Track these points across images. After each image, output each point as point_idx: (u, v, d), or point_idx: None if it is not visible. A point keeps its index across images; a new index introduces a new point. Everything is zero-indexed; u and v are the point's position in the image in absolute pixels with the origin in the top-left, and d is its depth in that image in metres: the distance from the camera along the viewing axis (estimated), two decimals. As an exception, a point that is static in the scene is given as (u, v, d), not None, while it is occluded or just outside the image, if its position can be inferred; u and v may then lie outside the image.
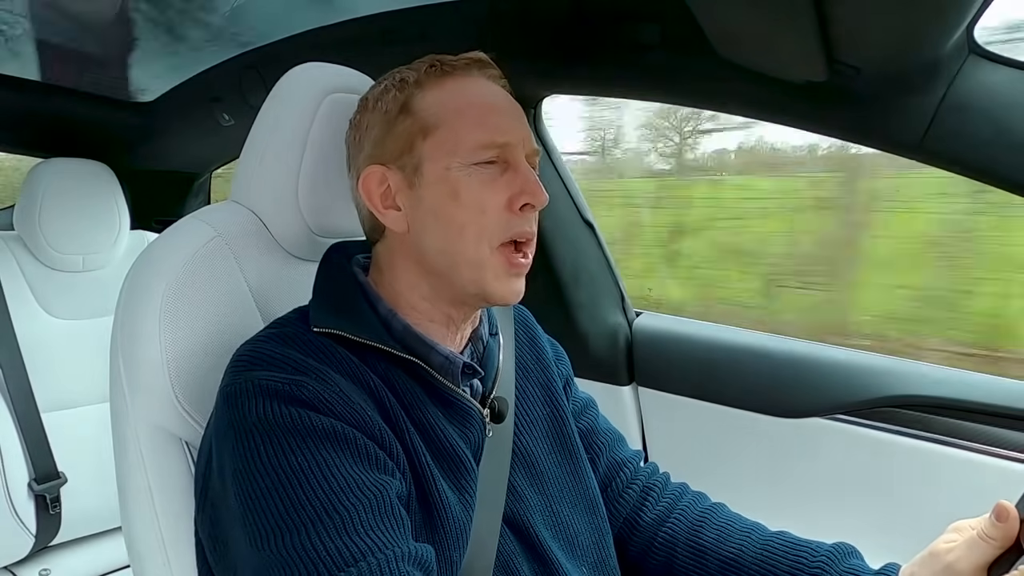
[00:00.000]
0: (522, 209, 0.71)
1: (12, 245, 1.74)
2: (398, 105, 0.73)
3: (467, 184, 0.70)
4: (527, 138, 0.74)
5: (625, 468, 0.92)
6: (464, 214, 0.70)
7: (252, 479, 0.61)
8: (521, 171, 0.72)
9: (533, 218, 0.73)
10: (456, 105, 0.72)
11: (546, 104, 1.42)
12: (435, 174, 0.71)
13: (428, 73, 0.73)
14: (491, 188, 0.71)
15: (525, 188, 0.71)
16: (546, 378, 0.88)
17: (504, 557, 0.73)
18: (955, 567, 0.67)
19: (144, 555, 0.79)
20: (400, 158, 0.73)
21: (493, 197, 0.71)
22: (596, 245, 1.49)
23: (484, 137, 0.71)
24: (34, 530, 1.63)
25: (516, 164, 0.72)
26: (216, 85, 1.76)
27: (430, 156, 0.71)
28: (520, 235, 0.72)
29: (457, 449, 0.72)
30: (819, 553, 0.79)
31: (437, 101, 0.72)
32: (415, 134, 0.72)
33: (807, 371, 1.25)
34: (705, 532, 0.86)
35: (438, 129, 0.71)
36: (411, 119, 0.72)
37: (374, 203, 0.74)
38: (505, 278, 0.72)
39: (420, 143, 0.72)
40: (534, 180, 0.72)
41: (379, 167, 0.73)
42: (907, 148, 0.97)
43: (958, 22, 0.81)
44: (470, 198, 0.70)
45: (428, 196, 0.72)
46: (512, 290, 0.73)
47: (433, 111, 0.72)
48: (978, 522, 0.68)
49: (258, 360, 0.67)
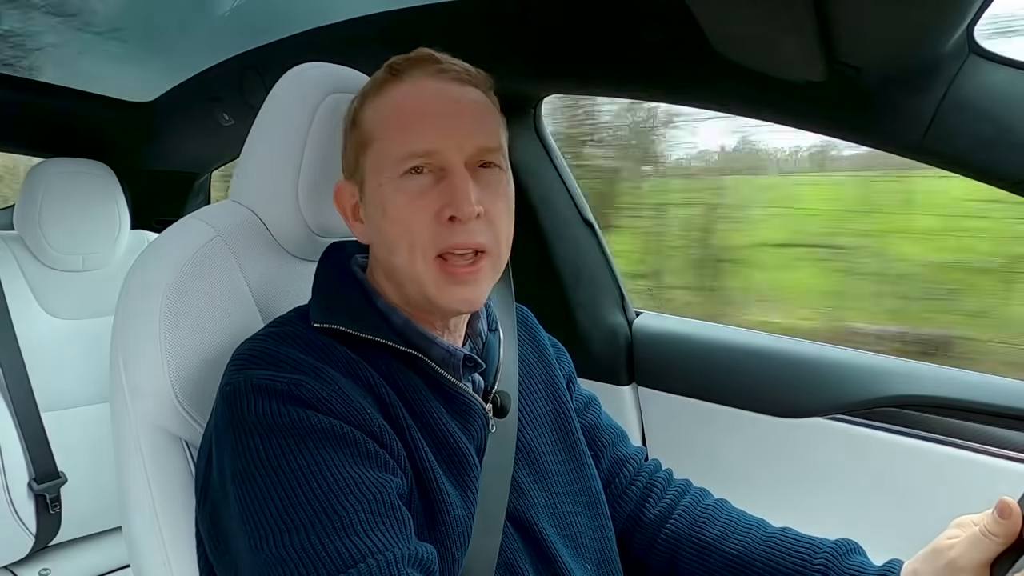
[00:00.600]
0: (451, 220, 0.68)
1: (12, 245, 1.74)
2: (351, 118, 0.74)
3: (393, 200, 0.69)
4: (466, 140, 0.69)
5: (628, 465, 0.92)
6: (394, 230, 0.69)
7: (251, 479, 0.61)
8: (452, 180, 0.68)
9: (473, 229, 0.68)
10: (386, 116, 0.71)
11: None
12: (371, 190, 0.72)
13: (377, 82, 0.73)
14: (417, 201, 0.68)
15: (451, 200, 0.67)
16: (548, 375, 0.88)
17: (507, 554, 0.73)
18: (957, 563, 0.67)
19: (144, 555, 0.79)
20: (354, 173, 0.74)
21: (418, 211, 0.68)
22: (596, 245, 1.49)
23: (404, 148, 0.69)
24: (34, 530, 1.63)
25: (451, 171, 0.68)
26: (216, 85, 1.76)
27: (369, 171, 0.72)
28: (453, 248, 0.68)
29: (460, 444, 0.72)
30: (823, 549, 0.79)
31: (373, 112, 0.72)
32: (359, 148, 0.73)
33: (807, 371, 1.24)
34: (708, 528, 0.86)
35: (373, 143, 0.71)
36: (357, 132, 0.73)
37: (347, 216, 0.76)
38: (446, 287, 0.69)
39: (362, 157, 0.72)
40: (462, 189, 0.67)
41: (345, 181, 0.75)
42: (907, 148, 0.97)
43: (958, 22, 0.81)
44: (396, 214, 0.69)
45: (369, 212, 0.73)
46: (457, 298, 0.70)
47: (371, 123, 0.72)
48: (981, 518, 0.68)
49: (257, 358, 0.67)
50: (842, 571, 0.77)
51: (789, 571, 0.79)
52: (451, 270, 0.69)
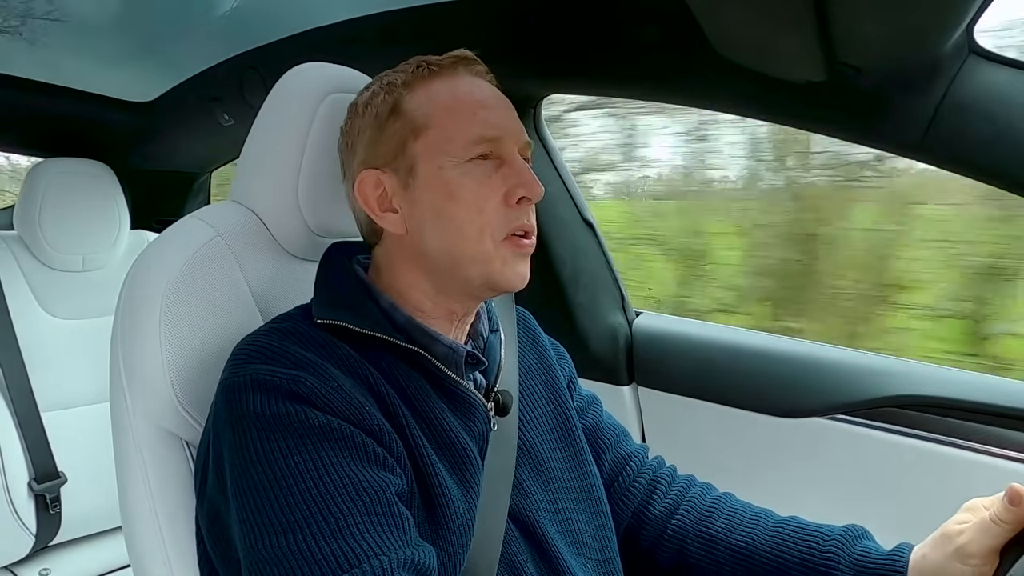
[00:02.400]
0: (519, 202, 0.72)
1: (12, 245, 1.74)
2: (388, 107, 0.73)
3: (462, 182, 0.71)
4: (518, 132, 0.74)
5: (631, 462, 0.92)
6: (463, 213, 0.70)
7: (248, 475, 0.61)
8: (515, 165, 0.72)
9: (531, 211, 0.74)
10: (445, 103, 0.72)
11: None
12: (429, 174, 0.71)
13: (415, 74, 0.74)
14: (487, 184, 0.71)
15: (520, 181, 0.71)
16: (549, 376, 0.88)
17: (509, 553, 0.73)
18: (966, 549, 0.68)
19: (144, 555, 0.79)
20: (393, 160, 0.73)
21: (490, 194, 0.71)
22: (596, 245, 1.49)
23: (475, 132, 0.71)
24: (34, 530, 1.63)
25: (510, 158, 0.72)
26: (216, 85, 1.76)
27: (423, 156, 0.72)
28: (520, 228, 0.72)
29: (462, 442, 0.72)
30: (831, 536, 0.79)
31: (426, 100, 0.73)
32: (406, 135, 0.72)
33: (807, 371, 1.24)
34: (715, 521, 0.85)
35: (429, 128, 0.72)
36: (401, 120, 0.73)
37: (371, 207, 0.74)
38: (512, 261, 0.72)
39: (412, 144, 0.72)
40: (529, 173, 0.72)
41: (373, 171, 0.74)
42: (907, 148, 0.97)
43: (958, 22, 0.81)
44: (467, 197, 0.70)
45: (424, 197, 0.72)
46: (519, 273, 0.73)
47: (423, 111, 0.72)
48: (991, 501, 0.68)
49: (258, 354, 0.67)
50: (851, 557, 0.77)
51: (797, 559, 0.79)
52: (520, 244, 0.73)
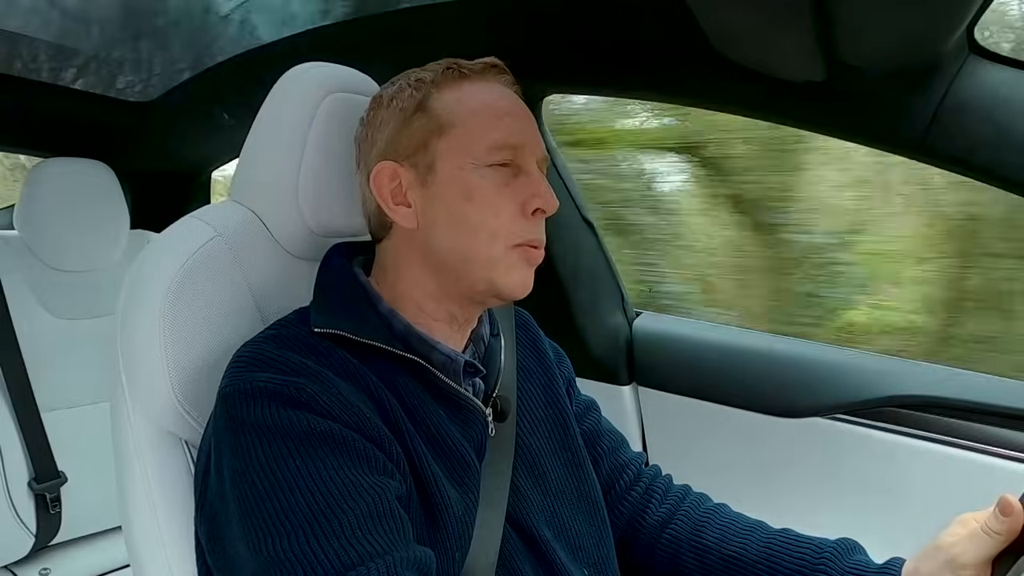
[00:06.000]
0: (534, 214, 0.72)
1: (12, 245, 1.73)
2: (414, 103, 0.74)
3: (480, 185, 0.71)
4: (538, 144, 0.75)
5: (628, 470, 0.92)
6: (478, 215, 0.71)
7: (250, 482, 0.61)
8: (533, 176, 0.73)
9: (543, 226, 0.75)
10: (472, 106, 0.73)
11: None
12: (448, 173, 0.72)
13: (445, 75, 0.74)
14: (504, 191, 0.72)
15: (537, 192, 0.72)
16: (548, 380, 0.88)
17: (506, 557, 0.73)
18: (958, 560, 0.67)
19: (144, 555, 0.79)
20: (414, 155, 0.73)
21: (506, 200, 0.72)
22: (596, 245, 1.49)
23: (499, 138, 0.72)
24: (34, 529, 1.63)
25: (528, 169, 0.73)
26: (216, 85, 1.76)
27: (444, 155, 0.72)
28: (532, 241, 0.73)
29: (459, 447, 0.72)
30: (823, 549, 0.79)
31: (454, 101, 0.73)
32: (431, 132, 0.73)
33: (807, 371, 1.24)
34: (708, 532, 0.86)
35: (454, 128, 0.72)
36: (427, 117, 0.73)
37: (384, 198, 0.74)
38: (518, 267, 0.73)
39: (435, 141, 0.72)
40: (546, 185, 0.73)
41: (391, 163, 0.74)
42: (908, 147, 0.97)
43: (958, 22, 0.81)
44: (484, 200, 0.71)
45: (441, 194, 0.72)
46: (523, 282, 0.74)
47: (450, 110, 0.73)
48: (983, 515, 0.68)
49: (257, 361, 0.67)
50: (844, 570, 0.77)
51: (790, 571, 0.79)
52: (529, 253, 0.73)
